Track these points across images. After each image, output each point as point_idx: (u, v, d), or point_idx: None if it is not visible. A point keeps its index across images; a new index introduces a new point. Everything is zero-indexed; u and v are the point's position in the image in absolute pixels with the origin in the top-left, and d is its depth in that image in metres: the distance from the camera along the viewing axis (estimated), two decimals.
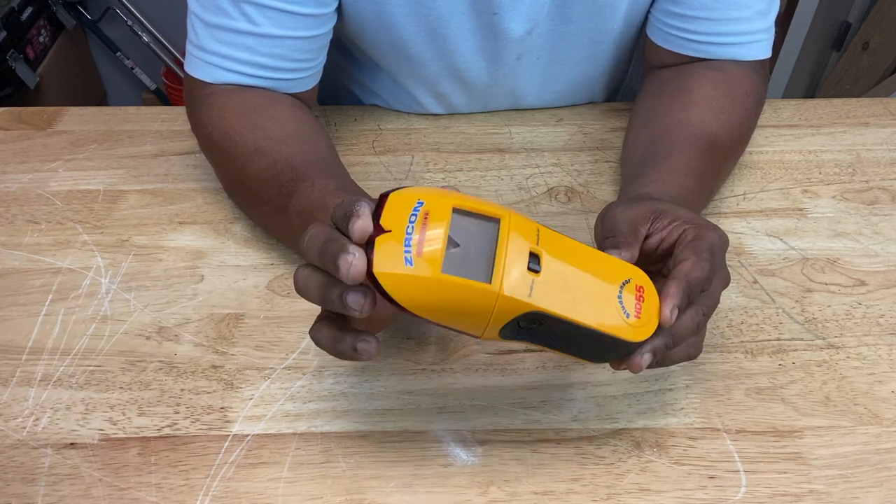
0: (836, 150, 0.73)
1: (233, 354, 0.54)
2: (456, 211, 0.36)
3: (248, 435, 0.49)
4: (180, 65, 1.99)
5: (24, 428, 0.50)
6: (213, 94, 0.60)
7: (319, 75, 0.66)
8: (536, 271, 0.36)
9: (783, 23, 1.81)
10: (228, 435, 0.49)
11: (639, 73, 0.81)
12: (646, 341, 0.40)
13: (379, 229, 0.35)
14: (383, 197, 0.37)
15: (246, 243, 0.63)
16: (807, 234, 0.64)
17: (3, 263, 0.61)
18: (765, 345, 0.55)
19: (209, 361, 0.54)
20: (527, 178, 0.70)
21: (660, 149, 0.60)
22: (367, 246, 0.35)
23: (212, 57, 0.60)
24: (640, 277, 0.41)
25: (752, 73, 0.66)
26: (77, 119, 0.76)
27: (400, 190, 0.37)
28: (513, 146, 0.74)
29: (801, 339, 0.56)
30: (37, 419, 0.50)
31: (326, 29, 0.62)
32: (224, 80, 0.60)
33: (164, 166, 0.70)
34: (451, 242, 0.35)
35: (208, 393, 0.52)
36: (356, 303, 0.36)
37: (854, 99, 0.80)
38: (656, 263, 0.47)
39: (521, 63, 0.70)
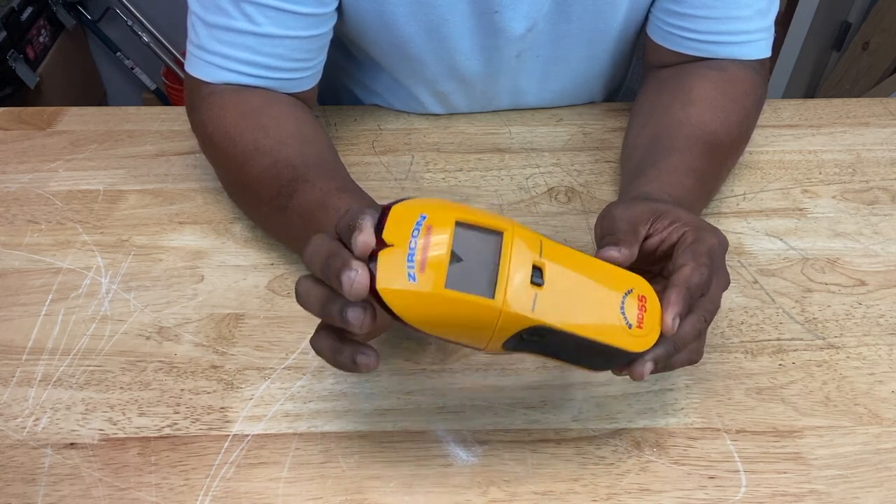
0: (836, 150, 0.73)
1: (233, 354, 0.54)
2: (459, 224, 0.36)
3: (248, 435, 0.49)
4: (180, 65, 1.99)
5: (24, 428, 0.50)
6: (213, 93, 0.60)
7: (319, 75, 0.66)
8: (539, 284, 0.37)
9: (783, 23, 1.81)
10: (228, 435, 0.49)
11: (639, 73, 0.81)
12: (648, 350, 0.40)
13: (381, 243, 0.35)
14: (386, 209, 0.37)
15: (246, 243, 0.63)
16: (807, 234, 0.64)
17: (3, 263, 0.61)
18: (765, 345, 0.55)
19: (209, 361, 0.54)
20: (527, 178, 0.70)
21: (660, 148, 0.60)
22: (370, 259, 0.35)
23: (212, 57, 0.60)
24: (643, 287, 0.41)
25: (752, 72, 0.66)
26: (77, 119, 0.76)
27: (403, 202, 0.37)
28: (513, 146, 0.74)
29: (801, 339, 0.56)
30: (37, 419, 0.50)
31: (327, 28, 0.62)
32: (224, 79, 0.60)
33: (164, 166, 0.70)
34: (454, 257, 0.35)
35: (208, 393, 0.52)
36: (356, 318, 0.36)
37: (854, 99, 0.80)
38: (656, 264, 0.47)
39: (521, 61, 0.70)
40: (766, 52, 0.67)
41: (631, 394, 0.52)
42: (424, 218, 0.35)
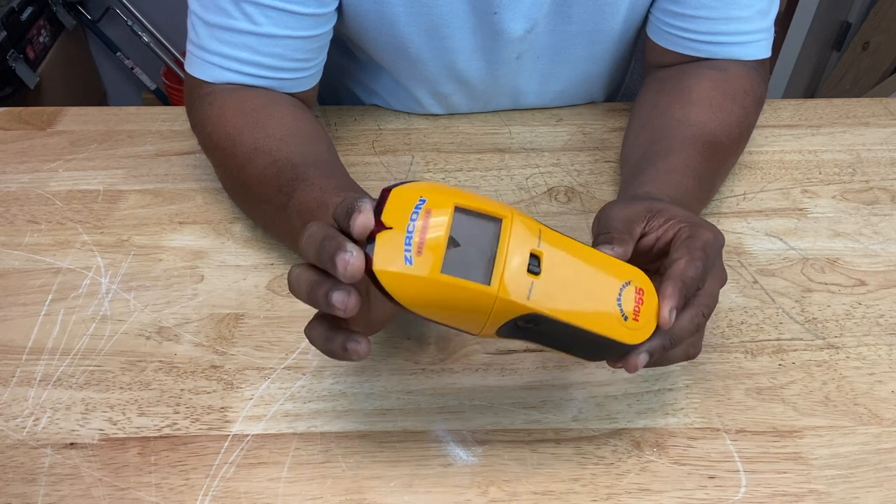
0: (836, 150, 0.73)
1: (233, 354, 0.54)
2: (458, 209, 0.36)
3: (248, 435, 0.49)
4: (180, 65, 1.99)
5: (24, 428, 0.50)
6: (213, 93, 0.60)
7: (320, 75, 0.66)
8: (536, 273, 0.36)
9: (783, 23, 1.81)
10: (228, 435, 0.49)
11: (639, 73, 0.81)
12: (643, 342, 0.40)
13: (380, 225, 0.35)
14: (385, 192, 0.37)
15: (246, 243, 0.63)
16: (807, 234, 0.64)
17: (3, 263, 0.61)
18: (765, 345, 0.55)
19: (209, 361, 0.54)
20: (527, 178, 0.70)
21: (659, 148, 0.60)
22: (368, 242, 0.35)
23: (212, 56, 0.60)
24: (641, 279, 0.41)
25: (752, 72, 0.66)
26: (77, 119, 0.76)
27: (402, 185, 0.37)
28: (513, 146, 0.74)
29: (801, 339, 0.56)
30: (37, 419, 0.50)
31: (327, 28, 0.62)
32: (224, 79, 0.60)
33: (164, 166, 0.70)
34: (452, 241, 0.35)
35: (208, 393, 0.52)
36: (340, 302, 0.36)
37: (854, 99, 0.80)
38: (653, 262, 0.47)
39: (521, 62, 0.70)
40: (765, 53, 0.67)
41: (631, 394, 0.52)
42: (424, 202, 0.35)
